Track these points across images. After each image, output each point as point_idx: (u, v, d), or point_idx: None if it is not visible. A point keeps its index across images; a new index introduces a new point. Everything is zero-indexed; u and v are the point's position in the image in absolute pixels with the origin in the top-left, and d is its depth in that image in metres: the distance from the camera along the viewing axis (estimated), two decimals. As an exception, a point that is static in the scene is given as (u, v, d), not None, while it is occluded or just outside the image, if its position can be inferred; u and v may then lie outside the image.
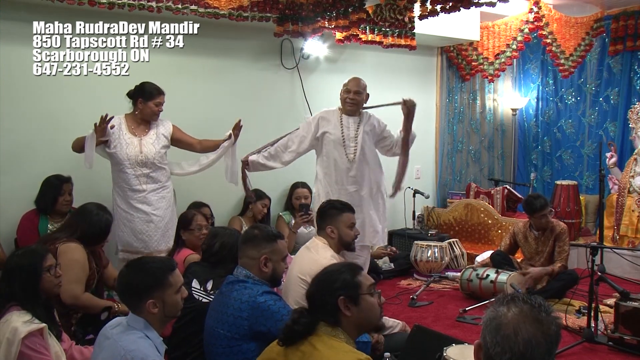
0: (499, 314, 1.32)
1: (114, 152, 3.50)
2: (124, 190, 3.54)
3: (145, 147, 3.57)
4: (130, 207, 3.54)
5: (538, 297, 1.37)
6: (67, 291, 2.71)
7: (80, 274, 2.82)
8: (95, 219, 2.94)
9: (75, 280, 2.77)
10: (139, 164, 3.54)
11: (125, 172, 3.52)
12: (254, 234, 2.41)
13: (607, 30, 5.77)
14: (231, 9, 4.07)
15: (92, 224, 2.93)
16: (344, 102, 3.73)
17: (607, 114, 6.03)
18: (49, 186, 3.62)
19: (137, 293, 1.93)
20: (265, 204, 4.61)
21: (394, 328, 3.02)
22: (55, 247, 2.77)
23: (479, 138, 6.56)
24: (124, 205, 3.55)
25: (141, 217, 3.56)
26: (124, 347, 1.85)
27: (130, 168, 3.52)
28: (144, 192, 3.58)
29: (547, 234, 4.26)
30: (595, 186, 5.93)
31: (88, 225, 2.92)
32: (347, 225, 2.94)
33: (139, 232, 3.55)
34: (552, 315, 1.32)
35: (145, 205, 3.57)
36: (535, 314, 1.31)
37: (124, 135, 3.54)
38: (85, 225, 2.91)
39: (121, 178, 3.54)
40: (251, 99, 4.83)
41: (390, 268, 4.96)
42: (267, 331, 2.18)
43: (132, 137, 3.56)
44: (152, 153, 3.58)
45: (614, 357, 3.22)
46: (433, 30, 5.21)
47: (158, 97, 3.59)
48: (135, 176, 3.53)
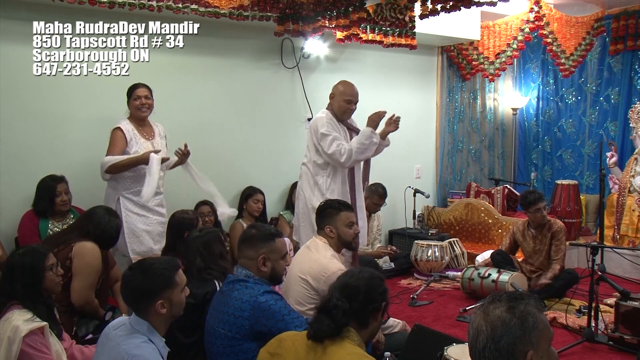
0: (479, 309, 1.37)
1: None
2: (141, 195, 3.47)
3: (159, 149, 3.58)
4: (146, 210, 3.52)
5: (521, 292, 1.40)
6: (82, 296, 2.74)
7: (95, 279, 2.83)
8: (106, 223, 2.91)
9: (90, 286, 2.79)
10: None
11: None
12: (251, 234, 2.41)
13: (607, 29, 5.77)
14: (231, 8, 4.07)
15: (104, 228, 2.89)
16: (345, 112, 3.69)
17: (607, 113, 6.03)
18: (43, 188, 3.55)
19: (147, 295, 1.92)
20: (259, 199, 4.59)
21: (394, 327, 3.01)
22: (70, 246, 2.76)
23: (479, 137, 6.56)
24: (139, 210, 3.51)
25: (159, 220, 3.57)
26: (127, 351, 1.84)
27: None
28: (161, 194, 3.61)
29: (545, 232, 4.26)
30: (595, 186, 5.93)
31: (100, 230, 2.88)
32: (345, 224, 2.93)
33: (156, 234, 3.55)
34: (509, 302, 1.33)
35: (161, 207, 3.61)
36: (488, 305, 1.34)
37: (139, 140, 3.52)
38: (98, 230, 2.88)
39: (139, 183, 3.45)
40: (251, 98, 4.83)
41: (390, 267, 4.96)
42: (267, 331, 2.18)
43: (145, 141, 3.56)
44: (164, 155, 3.59)
45: (614, 356, 3.22)
46: (433, 30, 5.21)
47: (134, 91, 3.54)
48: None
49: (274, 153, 4.99)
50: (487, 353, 1.29)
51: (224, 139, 4.66)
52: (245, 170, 4.79)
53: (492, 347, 1.28)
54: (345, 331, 1.75)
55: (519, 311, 1.30)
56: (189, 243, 2.76)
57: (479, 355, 1.31)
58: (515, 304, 1.32)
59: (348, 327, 1.76)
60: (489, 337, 1.29)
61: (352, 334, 1.76)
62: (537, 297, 1.39)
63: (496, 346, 1.28)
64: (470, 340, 1.34)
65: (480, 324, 1.31)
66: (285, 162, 5.01)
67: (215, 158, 4.51)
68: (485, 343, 1.29)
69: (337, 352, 1.70)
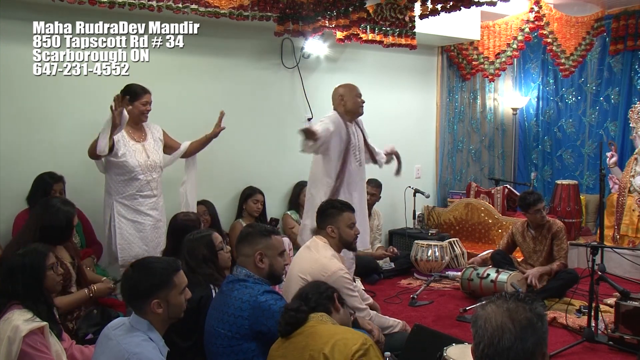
0: (479, 311, 1.37)
1: (124, 161, 3.45)
2: (134, 199, 3.49)
3: (150, 153, 3.57)
4: (140, 215, 3.51)
5: (522, 293, 1.40)
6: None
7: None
8: (56, 211, 2.81)
9: None
10: (149, 169, 3.53)
11: (137, 179, 3.49)
12: (247, 232, 2.42)
13: (607, 29, 5.77)
14: (232, 8, 4.07)
15: (53, 216, 2.80)
16: (360, 106, 3.78)
17: (607, 113, 6.03)
18: (40, 184, 3.56)
19: (143, 293, 1.93)
20: (258, 199, 4.59)
21: (394, 327, 3.02)
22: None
23: (479, 137, 6.55)
24: (132, 215, 3.50)
25: (153, 225, 3.56)
26: (127, 349, 1.84)
27: (142, 174, 3.50)
28: (155, 197, 3.58)
29: (545, 232, 4.26)
30: (595, 186, 5.93)
31: (50, 217, 2.80)
32: (347, 224, 2.93)
33: (151, 240, 3.54)
34: (526, 303, 1.34)
35: (155, 211, 3.58)
36: (506, 304, 1.34)
37: (127, 143, 3.50)
38: (47, 218, 2.80)
39: (130, 186, 3.48)
40: (251, 98, 4.83)
41: (390, 267, 4.96)
42: (267, 331, 2.18)
43: (135, 144, 3.54)
44: (157, 158, 3.59)
45: (614, 356, 3.22)
46: (433, 30, 5.21)
47: (144, 95, 3.55)
48: (147, 182, 3.52)
49: (274, 153, 4.99)
50: (512, 353, 1.30)
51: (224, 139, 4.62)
52: (246, 171, 4.79)
53: (518, 346, 1.29)
54: (320, 315, 2.00)
55: (540, 313, 1.34)
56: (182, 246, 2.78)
57: (501, 355, 1.31)
58: (535, 305, 1.35)
59: (322, 313, 2.02)
60: (518, 337, 1.30)
61: (327, 318, 2.02)
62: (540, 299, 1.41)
63: (523, 346, 1.29)
64: (489, 338, 1.32)
65: (504, 323, 1.31)
66: (285, 162, 5.01)
67: (215, 158, 4.50)
68: (512, 342, 1.30)
69: (330, 327, 1.96)
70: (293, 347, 1.94)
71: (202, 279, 2.61)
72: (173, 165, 3.88)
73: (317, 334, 1.90)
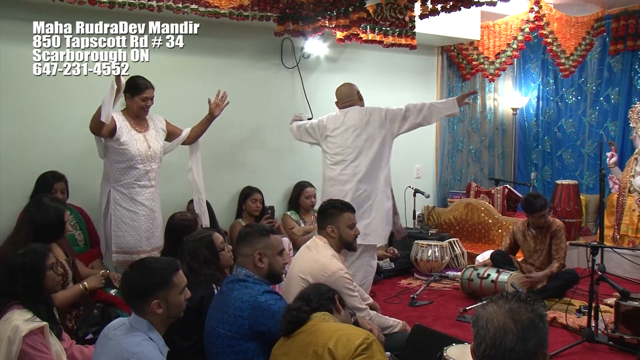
0: (480, 311, 1.37)
1: (125, 148, 3.44)
2: (131, 187, 3.49)
3: (152, 143, 3.56)
4: (136, 204, 3.50)
5: (524, 293, 1.40)
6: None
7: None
8: (46, 209, 2.83)
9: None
10: (149, 159, 3.52)
11: (136, 168, 3.48)
12: (246, 232, 2.43)
13: (607, 29, 5.77)
14: (231, 8, 4.07)
15: (44, 213, 2.82)
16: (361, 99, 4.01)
17: (607, 113, 6.03)
18: (42, 183, 3.57)
19: (142, 293, 1.93)
20: (257, 199, 4.58)
21: (394, 327, 3.01)
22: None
23: (479, 137, 6.56)
24: (127, 204, 3.49)
25: (147, 215, 3.53)
26: (128, 349, 1.85)
27: (141, 164, 3.48)
28: (152, 187, 3.57)
29: (544, 232, 4.26)
30: (595, 186, 5.93)
31: (42, 215, 2.81)
32: (347, 224, 2.94)
33: (144, 231, 3.52)
34: (528, 304, 1.34)
35: (151, 201, 3.56)
36: (509, 304, 1.34)
37: (130, 131, 3.50)
38: (40, 216, 2.81)
39: (129, 175, 3.47)
40: (251, 98, 4.83)
41: (390, 267, 4.96)
42: (267, 331, 2.19)
43: (137, 133, 3.52)
44: (158, 148, 3.58)
45: (614, 356, 3.23)
46: (433, 30, 5.21)
47: (145, 91, 3.52)
48: (146, 172, 3.51)
49: (274, 153, 4.98)
50: (514, 354, 1.29)
51: (224, 139, 4.65)
52: (246, 170, 4.79)
53: (520, 347, 1.29)
54: (323, 315, 2.03)
55: (541, 314, 1.34)
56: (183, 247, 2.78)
57: (503, 355, 1.30)
58: (536, 305, 1.34)
59: (325, 312, 2.06)
60: (520, 338, 1.29)
61: (329, 317, 2.05)
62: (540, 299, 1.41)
63: (525, 347, 1.29)
64: (491, 339, 1.32)
65: (507, 323, 1.31)
66: (285, 162, 5.01)
67: (215, 158, 4.51)
68: (514, 343, 1.29)
69: (333, 325, 2.01)
70: (296, 345, 1.95)
71: (204, 279, 2.61)
72: (178, 154, 3.88)
73: (320, 331, 1.93)
